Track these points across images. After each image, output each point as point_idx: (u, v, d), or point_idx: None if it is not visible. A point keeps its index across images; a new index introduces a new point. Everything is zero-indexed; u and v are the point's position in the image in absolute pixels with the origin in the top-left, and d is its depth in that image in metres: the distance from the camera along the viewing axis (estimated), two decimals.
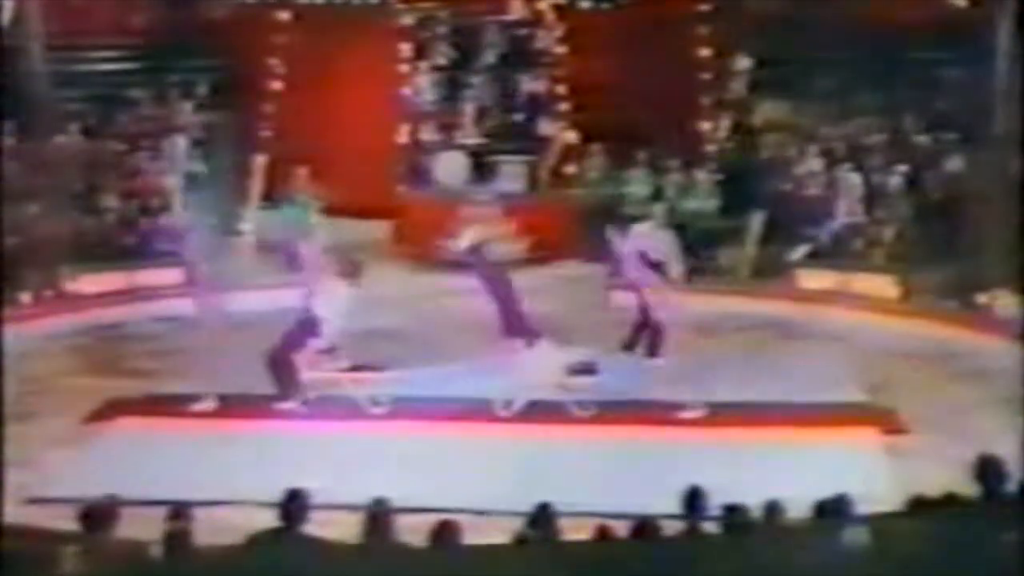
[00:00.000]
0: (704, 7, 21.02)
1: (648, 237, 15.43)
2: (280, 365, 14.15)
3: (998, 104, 17.26)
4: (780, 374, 15.01)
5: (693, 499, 8.87)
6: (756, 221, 18.41)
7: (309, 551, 7.70)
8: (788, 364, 15.32)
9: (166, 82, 20.76)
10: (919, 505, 8.09)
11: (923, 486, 8.63)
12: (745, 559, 6.69)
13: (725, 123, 20.27)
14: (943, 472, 10.37)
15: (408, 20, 21.24)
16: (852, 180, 18.59)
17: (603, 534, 8.36)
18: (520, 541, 8.30)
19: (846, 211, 18.34)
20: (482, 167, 20.03)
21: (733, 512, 8.51)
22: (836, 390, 14.81)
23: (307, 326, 14.15)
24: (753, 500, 8.71)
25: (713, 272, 18.35)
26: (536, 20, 21.11)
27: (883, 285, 17.53)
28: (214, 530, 8.39)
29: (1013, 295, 16.29)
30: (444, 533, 8.18)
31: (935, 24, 18.99)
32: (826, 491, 8.55)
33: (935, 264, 17.39)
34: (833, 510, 8.33)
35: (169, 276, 16.99)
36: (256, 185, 19.97)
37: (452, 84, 20.85)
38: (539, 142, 20.37)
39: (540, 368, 14.27)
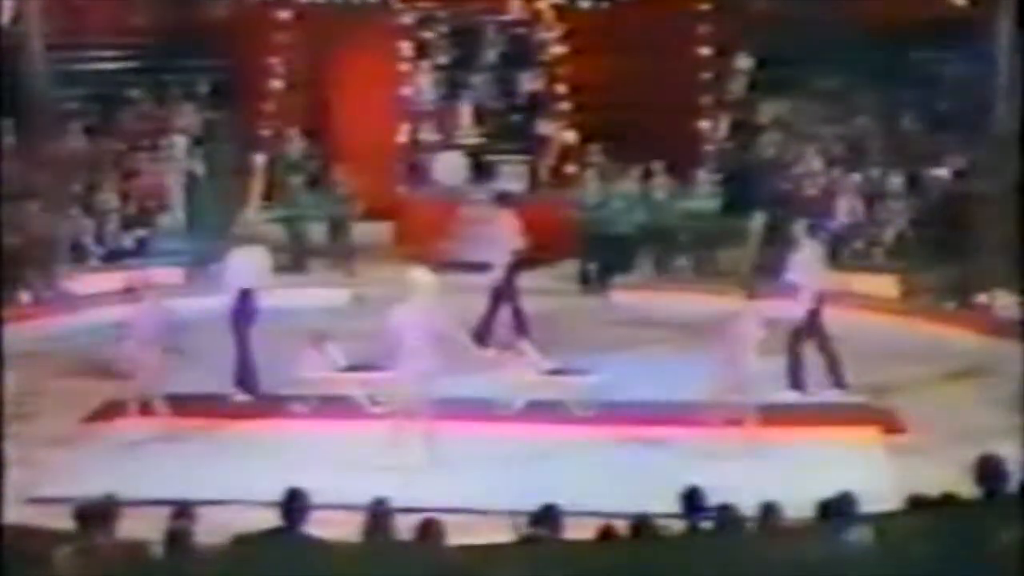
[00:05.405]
0: (704, 6, 20.98)
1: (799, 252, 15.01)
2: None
3: (998, 104, 17.26)
4: (781, 374, 14.99)
5: (692, 499, 8.87)
6: (756, 222, 18.40)
7: (309, 551, 7.69)
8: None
9: (166, 82, 20.74)
10: (919, 504, 8.09)
11: (923, 485, 8.62)
12: (745, 558, 6.69)
13: (725, 123, 20.26)
14: (943, 471, 10.37)
15: (408, 20, 21.21)
16: (852, 180, 18.58)
17: (606, 534, 8.34)
18: (524, 540, 8.28)
19: (846, 211, 18.33)
20: (481, 167, 20.01)
21: (727, 511, 8.49)
22: (836, 390, 14.82)
23: None
24: (753, 500, 8.70)
25: (713, 272, 18.35)
26: (535, 19, 21.07)
27: (883, 285, 17.52)
28: (214, 530, 8.37)
29: (1012, 295, 16.29)
30: (428, 532, 8.16)
31: (935, 24, 18.97)
32: (826, 491, 8.54)
33: (935, 264, 17.39)
34: (836, 509, 8.32)
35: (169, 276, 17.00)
36: (256, 185, 19.98)
37: (451, 84, 20.84)
38: (538, 142, 20.35)
39: (520, 371, 14.30)
